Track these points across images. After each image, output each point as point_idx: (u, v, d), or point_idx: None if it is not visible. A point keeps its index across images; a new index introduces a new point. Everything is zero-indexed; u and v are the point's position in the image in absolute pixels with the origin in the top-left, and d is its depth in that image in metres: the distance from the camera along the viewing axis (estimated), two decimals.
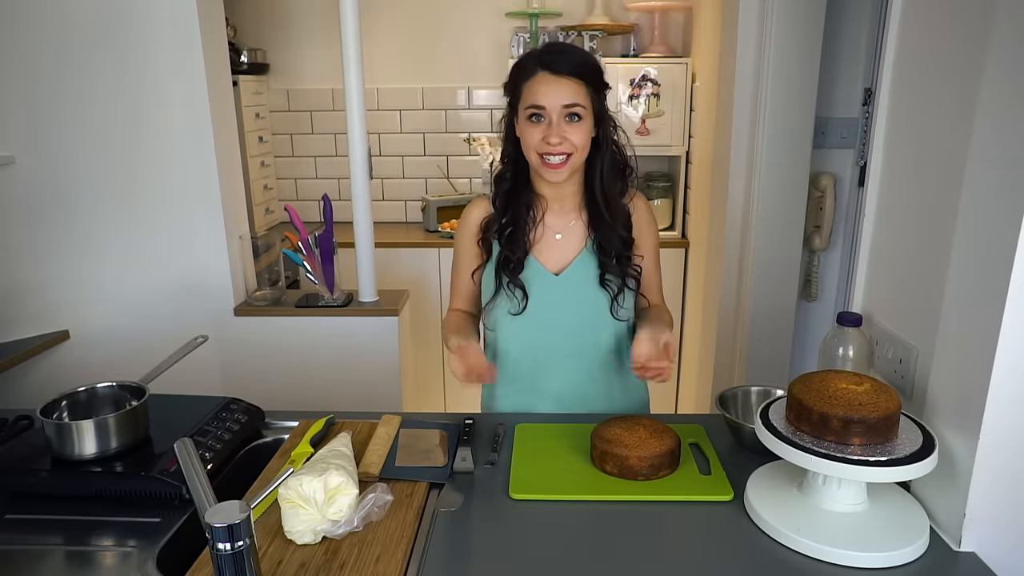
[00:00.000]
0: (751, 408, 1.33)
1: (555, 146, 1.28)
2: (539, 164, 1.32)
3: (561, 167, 1.30)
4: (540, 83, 1.28)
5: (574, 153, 1.30)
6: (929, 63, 1.16)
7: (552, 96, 1.27)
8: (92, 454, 1.16)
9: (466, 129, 3.50)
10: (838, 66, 2.26)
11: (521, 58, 1.35)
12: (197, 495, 0.85)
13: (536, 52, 1.32)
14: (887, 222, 1.28)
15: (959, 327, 1.00)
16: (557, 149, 1.28)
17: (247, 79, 3.17)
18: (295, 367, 2.20)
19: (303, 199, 3.61)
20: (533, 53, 1.33)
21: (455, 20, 3.41)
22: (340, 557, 0.97)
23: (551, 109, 1.27)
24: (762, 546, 1.00)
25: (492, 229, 1.41)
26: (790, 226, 2.28)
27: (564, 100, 1.27)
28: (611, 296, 1.38)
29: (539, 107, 1.28)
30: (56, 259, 2.08)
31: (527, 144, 1.32)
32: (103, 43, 1.96)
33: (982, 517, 0.97)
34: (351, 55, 2.03)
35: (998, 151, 0.92)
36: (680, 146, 3.14)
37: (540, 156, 1.30)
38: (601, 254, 1.38)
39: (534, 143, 1.30)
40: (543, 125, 1.29)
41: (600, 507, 1.09)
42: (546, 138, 1.28)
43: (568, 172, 1.32)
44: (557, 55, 1.30)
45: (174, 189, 2.08)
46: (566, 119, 1.28)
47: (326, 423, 1.33)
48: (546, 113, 1.28)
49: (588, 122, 1.30)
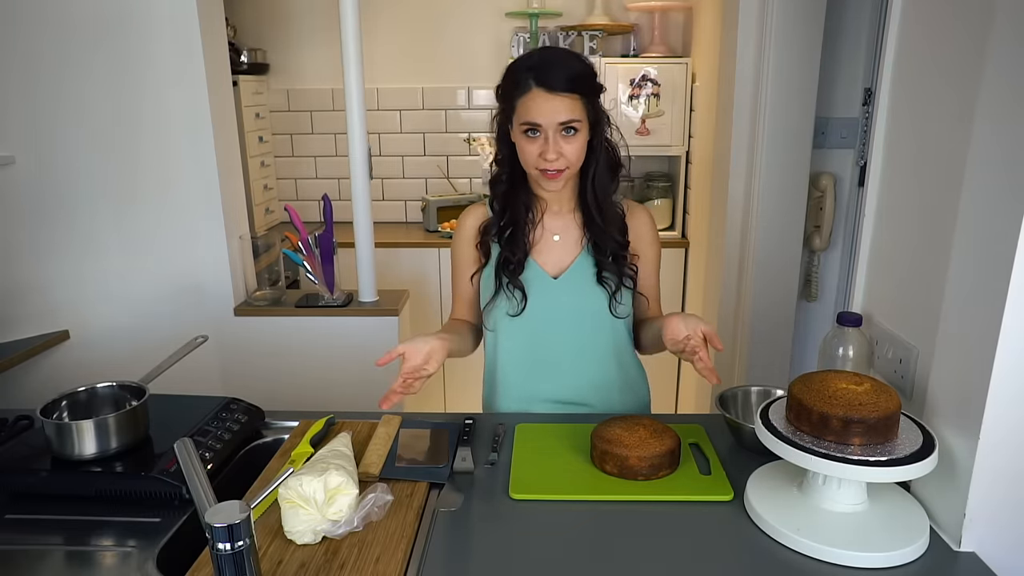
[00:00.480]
0: (751, 408, 1.33)
1: (552, 162, 1.28)
2: (538, 176, 1.33)
3: (558, 177, 1.31)
4: (535, 100, 1.27)
5: (570, 166, 1.31)
6: (929, 63, 1.16)
7: (548, 115, 1.26)
8: (92, 454, 1.16)
9: (466, 129, 3.50)
10: (838, 66, 2.26)
11: (514, 66, 1.32)
12: (197, 495, 0.85)
13: (529, 63, 1.29)
14: (887, 222, 1.28)
15: (959, 327, 1.00)
16: (554, 165, 1.29)
17: (247, 79, 3.17)
18: (295, 367, 2.19)
19: (303, 199, 3.61)
20: (525, 63, 1.30)
21: (455, 20, 3.41)
22: (340, 557, 0.97)
23: (547, 126, 1.27)
24: (762, 546, 1.00)
25: (491, 231, 1.41)
26: (790, 226, 2.28)
27: (560, 118, 1.27)
28: (609, 293, 1.39)
29: (535, 124, 1.28)
30: (56, 259, 2.08)
31: (524, 159, 1.32)
32: (103, 43, 1.96)
33: (982, 517, 0.97)
34: (351, 55, 2.03)
35: (998, 151, 0.92)
36: (680, 146, 3.14)
37: (538, 169, 1.31)
38: (597, 253, 1.39)
39: (531, 159, 1.30)
40: (539, 140, 1.28)
41: (600, 507, 1.09)
42: (543, 154, 1.28)
43: (564, 181, 1.34)
44: (551, 70, 1.26)
45: (174, 189, 2.08)
46: (562, 134, 1.28)
47: (326, 423, 1.33)
48: (542, 130, 1.28)
49: (584, 134, 1.31)
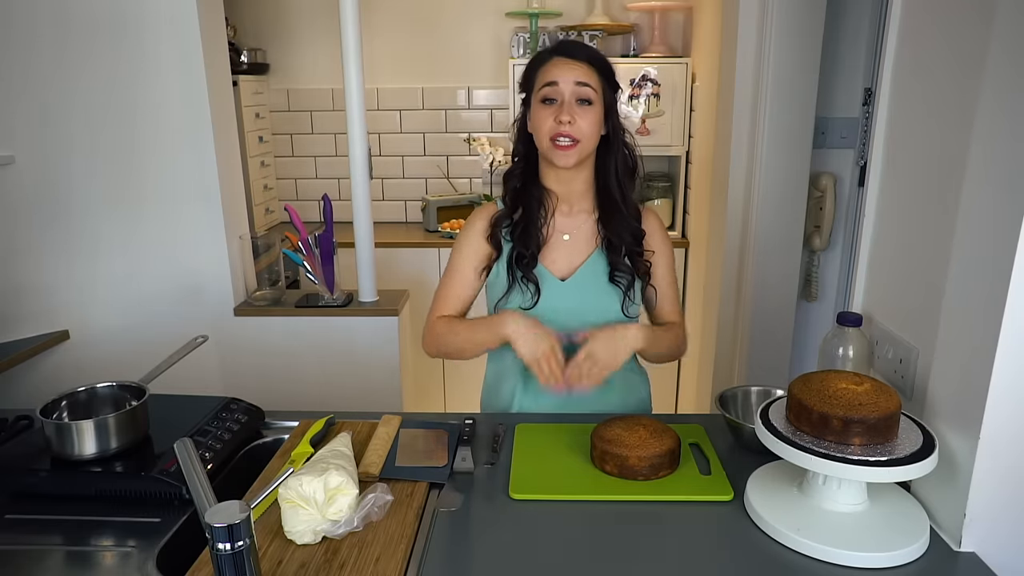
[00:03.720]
0: (751, 408, 1.33)
1: (565, 125, 1.30)
2: (549, 148, 1.34)
3: (570, 149, 1.32)
4: (555, 64, 1.34)
5: (582, 140, 1.32)
6: (929, 63, 1.16)
7: (565, 73, 1.32)
8: (92, 454, 1.16)
9: (466, 129, 3.50)
10: (838, 66, 2.26)
11: (536, 53, 1.41)
12: (197, 495, 0.85)
13: (552, 46, 1.39)
14: (887, 222, 1.28)
15: (959, 327, 1.00)
16: (567, 130, 1.31)
17: (247, 79, 3.17)
18: (295, 367, 2.20)
19: (303, 199, 3.61)
20: (549, 47, 1.39)
21: (455, 20, 3.41)
22: (340, 557, 0.97)
23: (564, 85, 1.32)
24: (762, 546, 1.00)
25: (503, 225, 1.41)
26: (790, 226, 2.28)
27: (578, 77, 1.32)
28: (623, 292, 1.38)
29: (552, 83, 1.32)
30: (56, 259, 2.08)
31: (539, 129, 1.34)
32: (103, 43, 1.96)
33: (982, 517, 0.97)
34: (351, 55, 2.03)
35: (998, 151, 0.92)
36: (680, 146, 3.14)
37: (551, 141, 1.33)
38: (611, 253, 1.39)
39: (547, 126, 1.33)
40: (555, 107, 1.32)
41: (600, 507, 1.09)
42: (558, 117, 1.31)
43: (576, 157, 1.34)
44: (572, 44, 1.37)
45: (174, 189, 2.08)
46: (577, 102, 1.32)
47: (326, 423, 1.33)
48: (559, 92, 1.32)
49: (598, 110, 1.34)
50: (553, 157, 1.34)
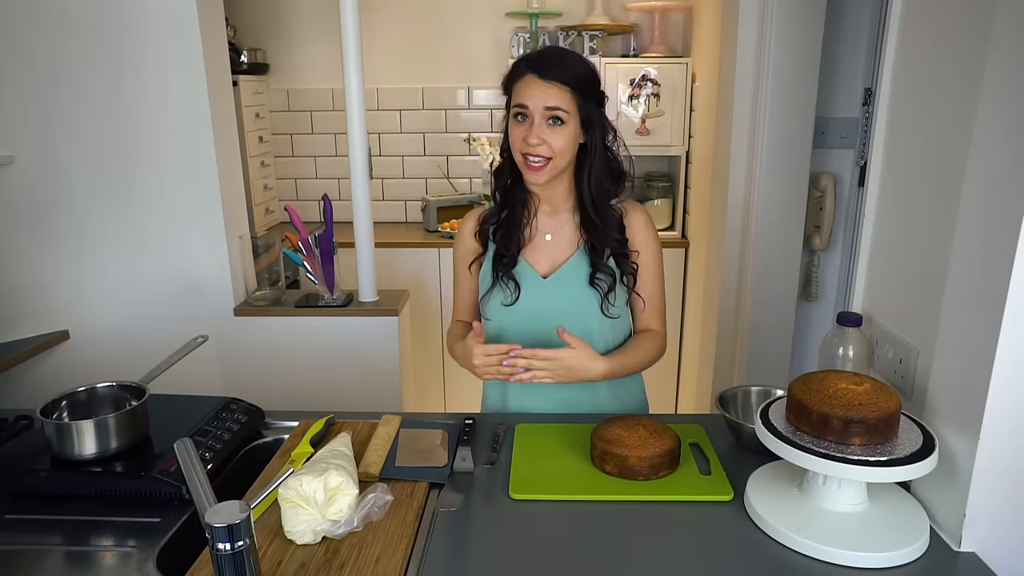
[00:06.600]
0: (751, 408, 1.33)
1: (534, 147, 1.31)
2: (522, 163, 1.35)
3: (540, 170, 1.33)
4: (526, 85, 1.32)
5: (553, 158, 1.32)
6: (929, 63, 1.16)
7: (535, 97, 1.30)
8: (92, 454, 1.16)
9: (466, 129, 3.50)
10: (838, 66, 2.26)
11: (517, 59, 1.39)
12: (197, 495, 0.85)
13: (529, 56, 1.35)
14: (887, 222, 1.28)
15: (959, 327, 1.00)
16: (536, 151, 1.31)
17: (247, 79, 3.17)
18: (295, 367, 2.20)
19: (303, 199, 3.61)
20: (526, 56, 1.36)
21: (455, 20, 3.41)
22: (340, 557, 0.97)
23: (533, 109, 1.31)
24: (762, 546, 1.00)
25: (491, 222, 1.45)
26: (790, 226, 2.28)
27: (547, 103, 1.30)
28: (601, 294, 1.39)
29: (523, 106, 1.32)
30: (56, 259, 2.08)
31: (512, 143, 1.36)
32: (103, 43, 1.96)
33: (982, 517, 0.97)
34: (351, 55, 2.03)
35: (998, 151, 0.92)
36: (680, 146, 3.14)
37: (523, 156, 1.34)
38: (594, 254, 1.40)
39: (516, 142, 1.34)
40: (526, 125, 1.32)
41: (600, 507, 1.09)
42: (526, 138, 1.31)
43: (548, 176, 1.34)
44: (547, 60, 1.32)
45: (174, 189, 2.08)
46: (548, 122, 1.31)
47: (326, 423, 1.33)
48: (529, 113, 1.31)
49: (571, 128, 1.32)
50: (524, 174, 1.36)
